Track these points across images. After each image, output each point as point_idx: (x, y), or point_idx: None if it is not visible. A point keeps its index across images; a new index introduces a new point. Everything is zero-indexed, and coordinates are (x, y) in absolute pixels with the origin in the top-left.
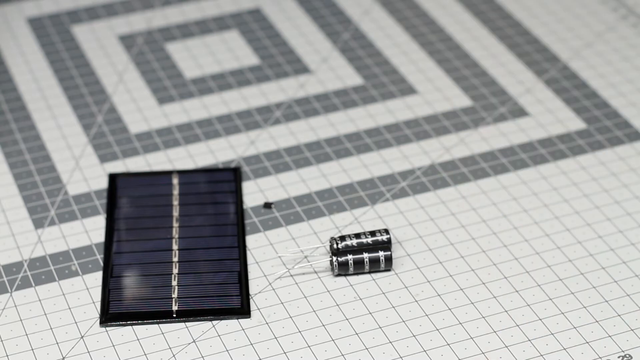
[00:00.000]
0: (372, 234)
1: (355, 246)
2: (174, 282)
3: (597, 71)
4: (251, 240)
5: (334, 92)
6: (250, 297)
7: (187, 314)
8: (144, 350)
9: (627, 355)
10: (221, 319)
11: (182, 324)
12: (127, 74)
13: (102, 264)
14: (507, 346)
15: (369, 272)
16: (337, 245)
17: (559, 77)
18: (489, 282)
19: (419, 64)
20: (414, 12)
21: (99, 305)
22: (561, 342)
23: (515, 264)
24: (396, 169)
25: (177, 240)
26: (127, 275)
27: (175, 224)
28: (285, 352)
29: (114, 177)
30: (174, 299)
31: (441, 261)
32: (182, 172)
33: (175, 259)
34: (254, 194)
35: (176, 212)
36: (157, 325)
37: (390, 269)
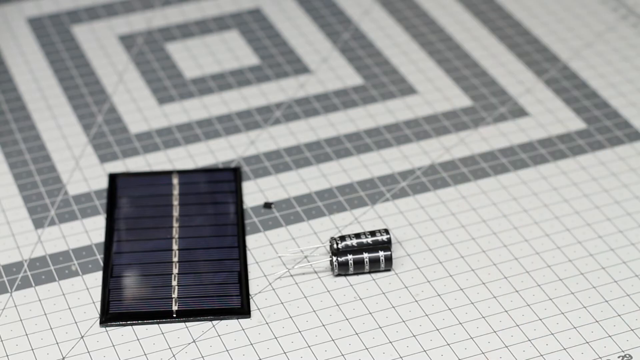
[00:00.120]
0: (372, 234)
1: (355, 246)
2: (174, 282)
3: (597, 71)
4: (251, 240)
5: (334, 92)
6: (250, 297)
7: (187, 314)
8: (144, 350)
9: (627, 355)
10: (221, 319)
11: (182, 324)
12: (127, 74)
13: (102, 264)
14: (507, 346)
15: (369, 272)
16: (337, 245)
17: (559, 77)
18: (489, 282)
19: (419, 64)
20: (414, 12)
21: (99, 305)
22: (561, 342)
23: (515, 264)
24: (396, 169)
25: (177, 240)
26: (127, 275)
27: (175, 224)
28: (285, 352)
29: (114, 177)
30: (174, 299)
31: (441, 261)
32: (182, 172)
33: (175, 259)
34: (254, 194)
35: (176, 212)
36: (157, 325)
37: (390, 269)
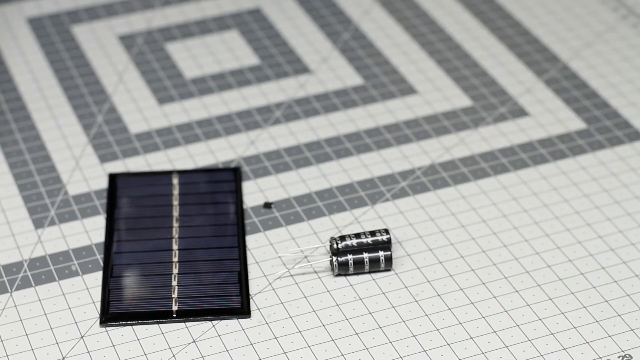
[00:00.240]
0: (372, 234)
1: (355, 246)
2: (174, 282)
3: (597, 71)
4: (251, 240)
5: (334, 92)
6: (250, 297)
7: (187, 314)
8: (144, 350)
9: (627, 355)
10: (221, 319)
11: (182, 324)
12: (127, 74)
13: (102, 264)
14: (507, 346)
15: (369, 272)
16: (337, 245)
17: (559, 77)
18: (489, 282)
19: (419, 64)
20: (414, 12)
21: (99, 305)
22: (561, 342)
23: (515, 264)
24: (396, 169)
25: (177, 240)
26: (127, 275)
27: (175, 224)
28: (285, 352)
29: (114, 177)
30: (174, 299)
31: (441, 261)
32: (182, 172)
33: (175, 259)
34: (254, 194)
35: (176, 212)
36: (157, 325)
37: (390, 269)
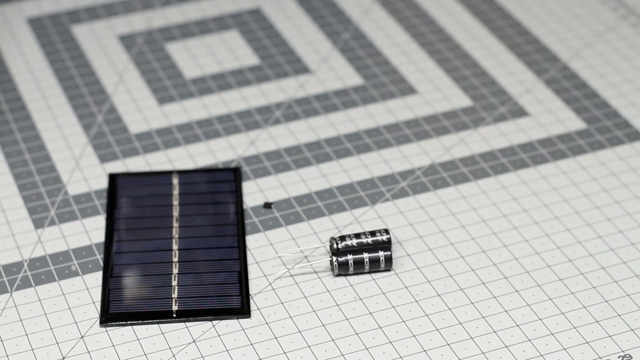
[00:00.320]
0: (372, 234)
1: (355, 246)
2: (174, 282)
3: (597, 71)
4: (251, 240)
5: (334, 92)
6: (250, 297)
7: (187, 314)
8: (144, 350)
9: (627, 355)
10: (221, 319)
11: (182, 324)
12: (127, 74)
13: (102, 264)
14: (507, 346)
15: (369, 272)
16: (337, 245)
17: (559, 77)
18: (489, 282)
19: (419, 64)
20: (414, 12)
21: (99, 305)
22: (561, 342)
23: (515, 264)
24: (396, 169)
25: (177, 240)
26: (127, 275)
27: (175, 224)
28: (285, 352)
29: (114, 177)
30: (174, 299)
31: (441, 261)
32: (182, 172)
33: (175, 259)
34: (254, 194)
35: (176, 212)
36: (157, 325)
37: (390, 269)
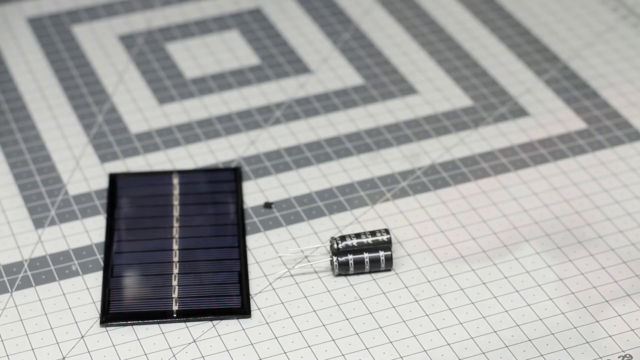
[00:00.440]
0: (373, 234)
1: (355, 246)
2: (174, 282)
3: (597, 71)
4: (251, 240)
5: (334, 92)
6: (250, 297)
7: (187, 314)
8: (144, 350)
9: (627, 355)
10: (221, 319)
11: (182, 324)
12: (127, 74)
13: (102, 263)
14: (507, 346)
15: (369, 272)
16: (338, 245)
17: (559, 77)
18: (489, 282)
19: (419, 64)
20: (414, 12)
21: (99, 305)
22: (561, 342)
23: (515, 263)
24: (396, 169)
25: (177, 240)
26: (128, 275)
27: (175, 224)
28: (285, 352)
29: (114, 177)
30: (174, 299)
31: (441, 261)
32: (182, 172)
33: (175, 259)
34: (254, 194)
35: (176, 212)
36: (157, 325)
37: (390, 269)
